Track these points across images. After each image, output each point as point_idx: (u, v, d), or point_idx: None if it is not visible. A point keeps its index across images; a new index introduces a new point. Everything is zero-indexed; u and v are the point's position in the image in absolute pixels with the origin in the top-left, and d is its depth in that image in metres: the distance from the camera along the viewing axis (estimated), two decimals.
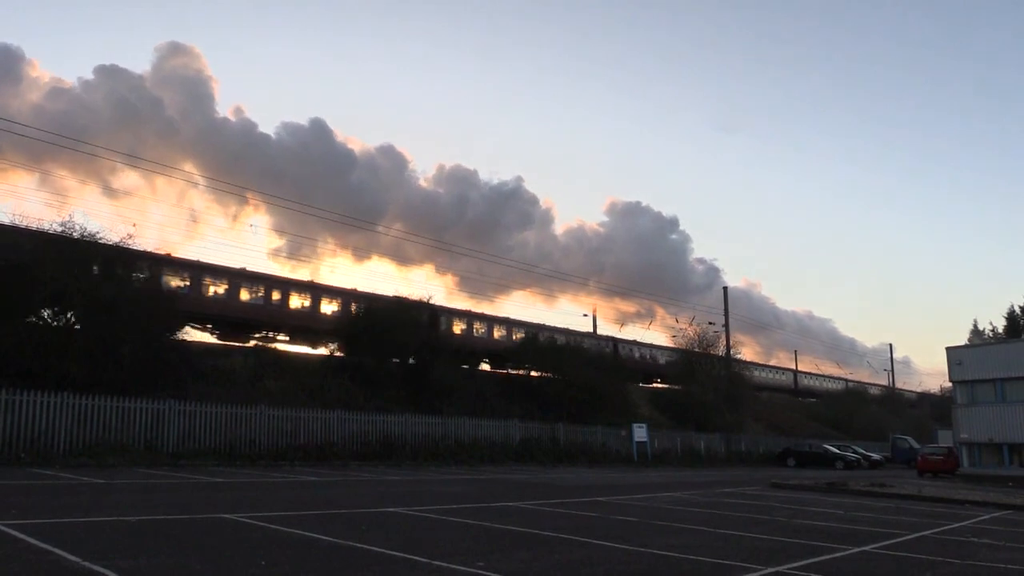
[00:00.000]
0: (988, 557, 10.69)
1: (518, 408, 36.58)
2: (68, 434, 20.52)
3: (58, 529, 8.68)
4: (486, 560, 7.97)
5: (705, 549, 9.67)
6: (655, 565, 8.48)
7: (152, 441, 22.07)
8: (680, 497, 18.20)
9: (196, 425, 23.26)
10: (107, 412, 21.44)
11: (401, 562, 7.68)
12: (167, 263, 31.55)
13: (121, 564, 6.80)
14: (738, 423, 51.11)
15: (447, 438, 30.45)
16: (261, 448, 24.34)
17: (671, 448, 41.91)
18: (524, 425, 34.36)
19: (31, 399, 20.04)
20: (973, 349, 46.43)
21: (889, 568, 9.35)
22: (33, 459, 19.08)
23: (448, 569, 7.38)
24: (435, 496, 15.45)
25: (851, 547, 10.63)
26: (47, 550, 7.25)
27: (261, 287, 35.71)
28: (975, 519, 16.30)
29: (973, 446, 40.71)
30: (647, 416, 45.31)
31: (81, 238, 24.12)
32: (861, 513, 16.25)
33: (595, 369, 41.18)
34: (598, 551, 9.18)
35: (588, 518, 12.81)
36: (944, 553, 10.71)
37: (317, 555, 7.95)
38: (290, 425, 25.56)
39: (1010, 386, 39.65)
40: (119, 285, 23.94)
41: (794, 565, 8.76)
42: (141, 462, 20.46)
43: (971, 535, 13.20)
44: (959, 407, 42.23)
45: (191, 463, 21.31)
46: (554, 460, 33.02)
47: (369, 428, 27.90)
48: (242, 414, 24.42)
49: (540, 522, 11.64)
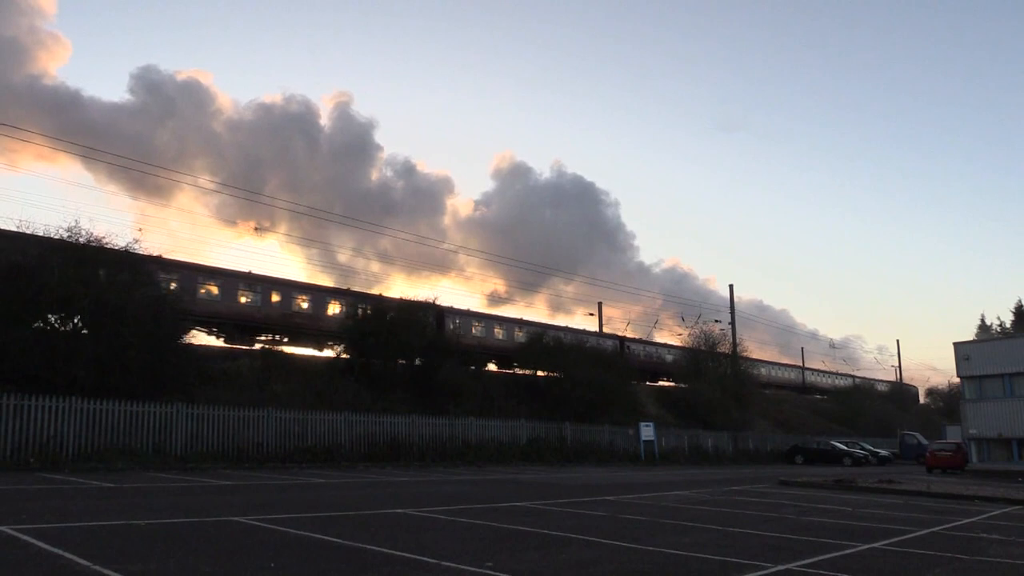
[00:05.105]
0: (999, 553, 10.63)
1: (525, 408, 36.57)
2: (77, 439, 20.61)
3: (68, 533, 8.71)
4: (494, 560, 7.97)
5: (713, 547, 9.65)
6: (664, 564, 8.46)
7: (160, 445, 22.15)
8: (688, 496, 18.16)
9: (204, 428, 23.33)
10: (115, 416, 21.52)
11: (410, 563, 7.69)
12: (167, 265, 31.55)
13: (131, 568, 6.82)
14: (745, 421, 50.98)
15: (454, 439, 30.46)
16: (269, 450, 24.41)
17: (678, 447, 41.83)
18: (531, 425, 34.34)
19: (39, 404, 20.12)
20: (981, 344, 46.30)
21: (898, 565, 9.30)
22: (42, 464, 19.17)
23: (456, 570, 7.38)
24: (443, 497, 15.45)
25: (860, 544, 10.59)
26: (57, 554, 7.28)
27: (288, 291, 36.00)
28: (985, 515, 16.22)
29: (982, 441, 40.61)
30: (654, 415, 45.26)
31: (88, 243, 24.20)
32: (870, 510, 16.19)
33: (602, 368, 41.12)
34: (606, 550, 9.17)
35: (596, 517, 12.80)
36: (954, 549, 10.66)
37: (327, 557, 7.96)
38: (298, 427, 25.61)
39: (1018, 381, 39.55)
40: (126, 289, 24.00)
41: (803, 563, 8.74)
42: (150, 466, 20.54)
43: (981, 531, 13.13)
44: (967, 402, 42.12)
45: (199, 466, 21.37)
46: (561, 460, 33.01)
47: (376, 429, 27.93)
48: (250, 417, 24.48)
49: (548, 522, 11.63)
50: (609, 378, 40.71)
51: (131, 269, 25.06)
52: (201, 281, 33.02)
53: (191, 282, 32.11)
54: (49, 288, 22.12)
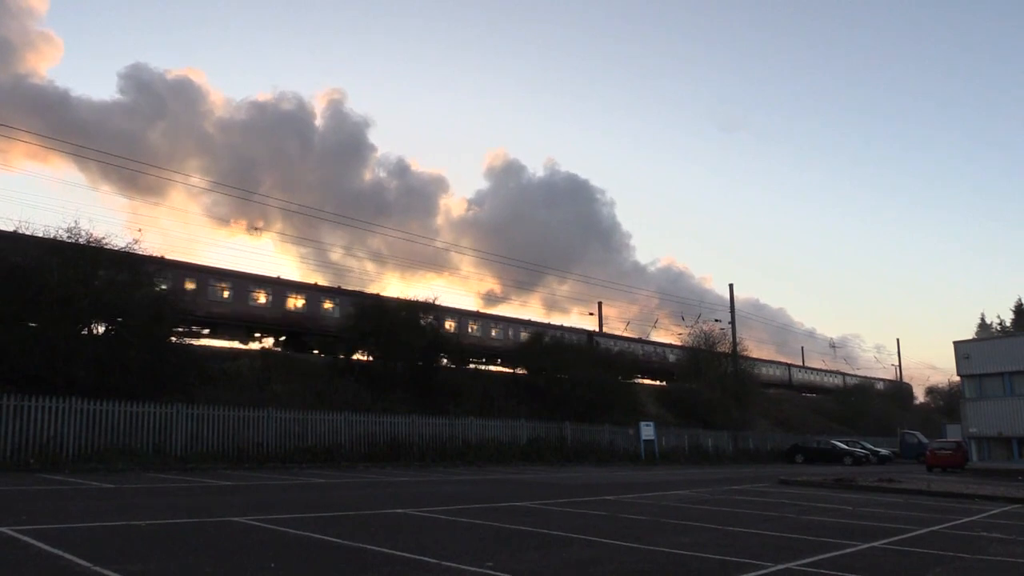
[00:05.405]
0: (999, 552, 10.63)
1: (525, 408, 36.56)
2: (77, 439, 20.60)
3: (68, 534, 8.71)
4: (495, 560, 7.97)
5: (714, 547, 9.65)
6: (664, 563, 8.46)
7: (161, 445, 22.14)
8: (688, 495, 18.16)
9: (204, 428, 23.33)
10: (115, 417, 21.51)
11: (410, 563, 7.68)
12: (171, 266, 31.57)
13: (132, 568, 6.81)
14: (745, 420, 50.97)
15: (454, 439, 30.45)
16: (269, 450, 24.41)
17: (679, 446, 41.82)
18: (531, 425, 34.32)
19: (39, 405, 20.11)
20: (981, 343, 46.33)
21: (899, 564, 9.30)
22: (42, 465, 19.15)
23: (457, 569, 7.38)
24: (443, 497, 15.45)
25: (860, 543, 10.59)
26: (57, 555, 7.27)
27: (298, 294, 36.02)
28: (985, 514, 16.21)
29: (982, 440, 40.60)
30: (654, 414, 45.25)
31: (87, 243, 24.19)
32: (870, 509, 16.18)
33: (601, 368, 41.08)
34: (607, 550, 9.17)
35: (596, 517, 12.79)
36: (955, 548, 10.65)
37: (327, 557, 7.96)
38: (298, 427, 25.61)
39: (1018, 380, 39.55)
40: (126, 289, 23.99)
41: (803, 562, 8.74)
42: (150, 466, 20.52)
43: (981, 530, 13.12)
44: (967, 401, 42.11)
45: (200, 466, 21.36)
46: (562, 459, 33.00)
47: (376, 429, 27.93)
48: (250, 417, 24.48)
49: (549, 522, 11.63)
50: (609, 377, 40.65)
51: (131, 269, 25.06)
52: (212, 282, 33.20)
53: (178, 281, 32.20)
54: (49, 288, 22.11)
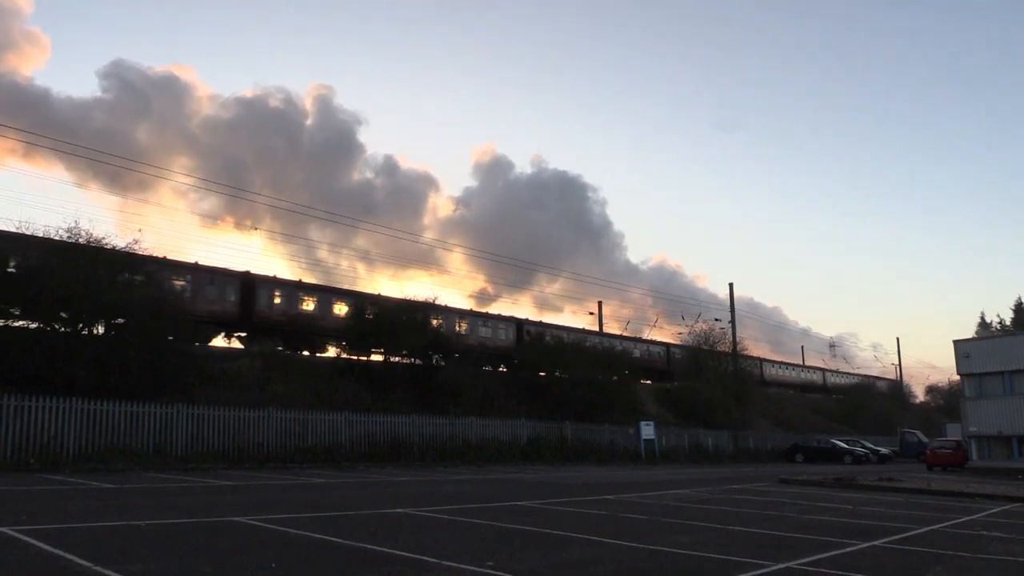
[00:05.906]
0: (1000, 550, 10.62)
1: (525, 408, 36.57)
2: (77, 439, 20.61)
3: (68, 534, 8.71)
4: (495, 560, 7.96)
5: (714, 546, 9.64)
6: (664, 563, 8.46)
7: (161, 445, 22.15)
8: (689, 495, 18.17)
9: (205, 428, 23.33)
10: (115, 417, 21.52)
11: (410, 563, 7.68)
12: (173, 267, 31.59)
13: (132, 568, 6.81)
14: (746, 420, 50.98)
15: (455, 438, 30.45)
16: (270, 450, 24.41)
17: (679, 446, 41.83)
18: (531, 424, 34.34)
19: (39, 405, 20.12)
20: (980, 342, 46.33)
21: (899, 563, 9.30)
22: (42, 465, 19.16)
23: (457, 569, 7.38)
24: (443, 496, 15.45)
25: (861, 542, 10.59)
26: (58, 555, 7.27)
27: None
28: (985, 512, 16.21)
29: (982, 439, 40.59)
30: (654, 414, 45.25)
31: (87, 243, 24.20)
32: (870, 508, 16.18)
33: (602, 367, 41.09)
34: (607, 549, 9.17)
35: (597, 516, 12.80)
36: (955, 547, 10.65)
37: (327, 557, 7.96)
38: (298, 427, 25.62)
39: (1018, 378, 39.54)
40: (126, 289, 24.00)
41: (804, 561, 8.73)
42: (150, 466, 20.53)
43: (982, 528, 13.12)
44: (967, 400, 42.11)
45: (200, 466, 21.37)
46: (562, 459, 33.01)
47: (377, 429, 27.93)
48: (250, 417, 24.48)
49: (549, 521, 11.63)
50: (609, 377, 40.65)
51: (131, 269, 25.06)
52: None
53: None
54: (49, 288, 22.12)
